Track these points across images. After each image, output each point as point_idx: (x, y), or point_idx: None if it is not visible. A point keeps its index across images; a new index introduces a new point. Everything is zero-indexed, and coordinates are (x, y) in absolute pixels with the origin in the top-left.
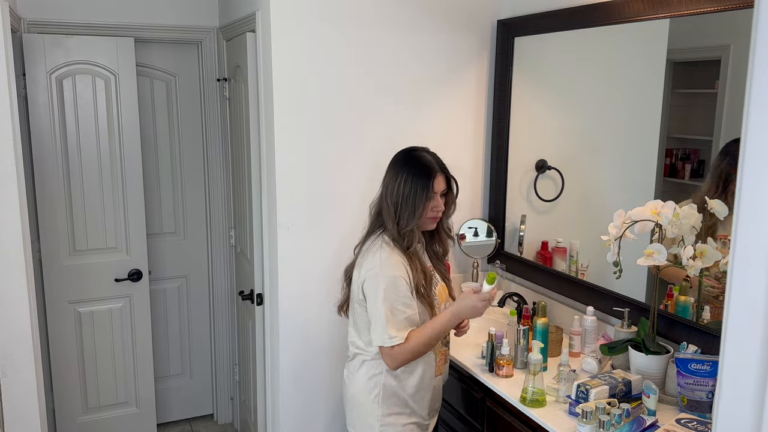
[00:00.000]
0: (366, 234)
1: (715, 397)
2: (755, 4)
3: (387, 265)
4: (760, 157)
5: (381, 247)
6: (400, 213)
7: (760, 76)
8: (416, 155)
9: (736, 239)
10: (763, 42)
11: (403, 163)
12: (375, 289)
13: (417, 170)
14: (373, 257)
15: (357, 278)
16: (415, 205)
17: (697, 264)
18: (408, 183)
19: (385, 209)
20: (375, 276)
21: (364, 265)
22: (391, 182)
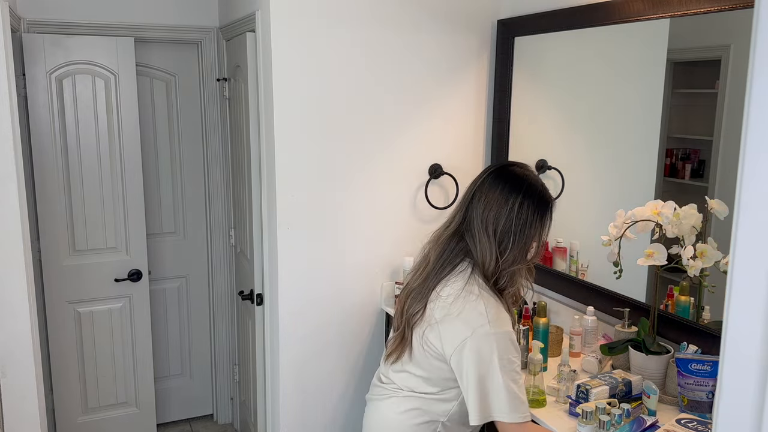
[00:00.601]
0: (439, 266)
1: (715, 397)
2: (755, 4)
3: (497, 320)
4: (760, 157)
5: (480, 294)
6: (509, 247)
7: (760, 76)
8: (529, 175)
9: (736, 239)
10: (763, 42)
11: (514, 183)
12: (487, 354)
13: (537, 197)
14: (473, 309)
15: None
16: (529, 238)
17: (697, 264)
18: (524, 210)
19: (481, 239)
20: (484, 336)
21: (460, 319)
22: (496, 204)
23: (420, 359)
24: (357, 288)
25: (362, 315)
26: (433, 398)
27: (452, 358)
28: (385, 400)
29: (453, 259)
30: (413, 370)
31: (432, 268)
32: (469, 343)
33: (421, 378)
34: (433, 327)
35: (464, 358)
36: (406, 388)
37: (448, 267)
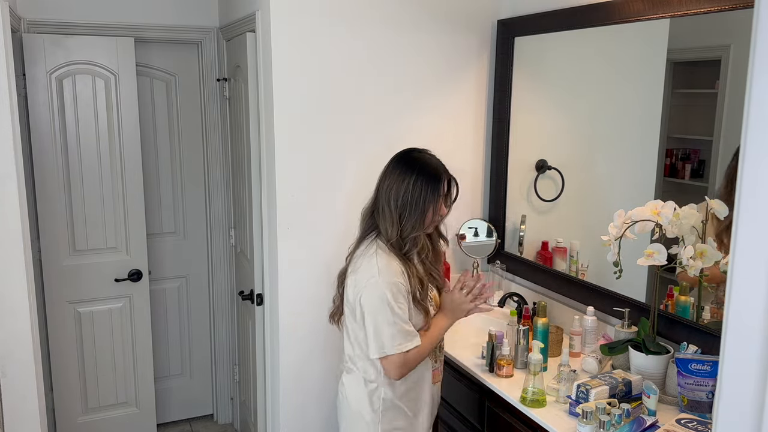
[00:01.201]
0: (358, 239)
1: (715, 397)
2: (755, 4)
3: (386, 271)
4: (760, 157)
5: (376, 252)
6: (406, 217)
7: (760, 76)
8: (423, 157)
9: (736, 239)
10: (763, 42)
11: (409, 164)
12: (377, 298)
13: (427, 173)
14: (369, 264)
15: (353, 288)
16: (424, 209)
17: (697, 264)
18: (417, 186)
19: (384, 213)
20: (374, 285)
21: (360, 273)
22: (395, 184)
23: (346, 321)
24: None
25: None
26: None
27: (354, 308)
28: (342, 377)
29: (367, 230)
30: (345, 335)
31: (357, 240)
32: (365, 294)
33: (348, 342)
34: (347, 282)
35: (362, 305)
36: (349, 359)
37: (364, 235)
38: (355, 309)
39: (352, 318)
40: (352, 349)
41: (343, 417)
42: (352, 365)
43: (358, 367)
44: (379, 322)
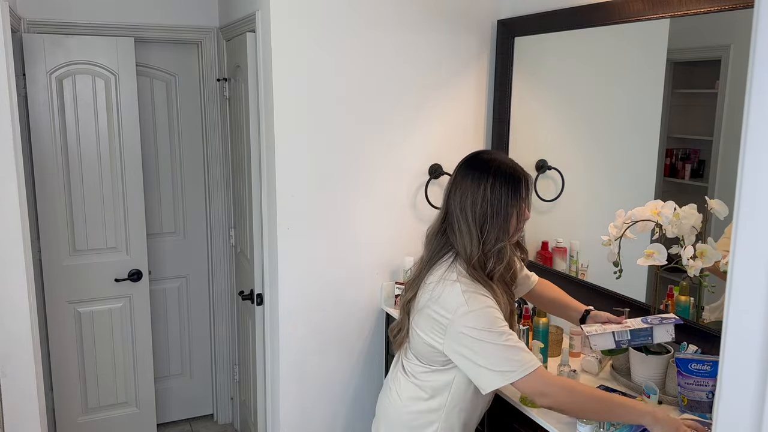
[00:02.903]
0: (426, 263)
1: (715, 397)
2: (755, 4)
3: (474, 299)
4: (760, 157)
5: (458, 279)
6: (488, 228)
7: (760, 76)
8: (496, 157)
9: (736, 239)
10: (763, 42)
11: (482, 167)
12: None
13: (505, 174)
14: (451, 292)
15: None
16: (507, 215)
17: (697, 264)
18: (497, 190)
19: (461, 228)
20: (464, 315)
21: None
22: (469, 192)
23: (416, 343)
24: (357, 288)
25: (362, 315)
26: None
27: (445, 346)
28: (394, 383)
29: (439, 252)
30: (414, 354)
31: (423, 263)
32: (452, 327)
33: (419, 362)
34: (420, 312)
35: (453, 342)
36: (410, 373)
37: (435, 258)
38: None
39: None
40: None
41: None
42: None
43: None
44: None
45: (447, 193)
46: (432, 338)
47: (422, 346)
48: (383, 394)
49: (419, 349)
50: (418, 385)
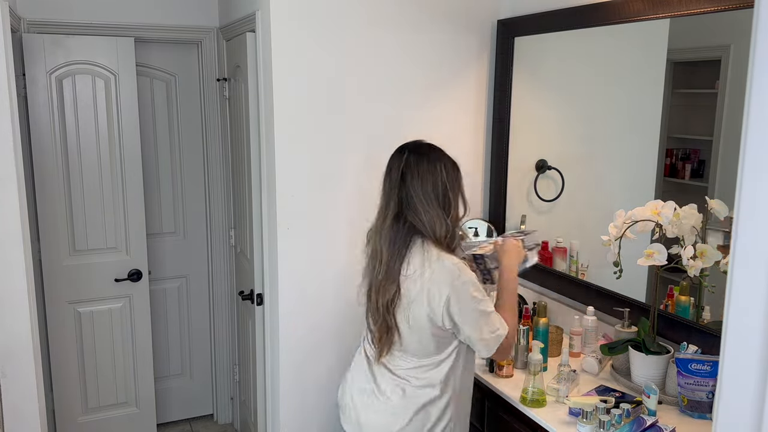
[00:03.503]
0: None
1: (716, 397)
2: (755, 4)
3: (463, 268)
4: (760, 157)
5: (439, 255)
6: (452, 206)
7: (760, 76)
8: (432, 144)
9: (736, 239)
10: (763, 42)
11: (431, 153)
12: (469, 299)
13: (448, 157)
14: (441, 269)
15: (427, 305)
16: (462, 193)
17: (697, 264)
18: (450, 171)
19: (426, 210)
20: (461, 285)
21: (434, 274)
22: (428, 176)
23: (408, 338)
24: (357, 288)
25: (362, 315)
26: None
27: (444, 319)
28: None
29: (404, 240)
30: (406, 351)
31: (389, 257)
32: (452, 298)
33: (416, 355)
34: (415, 302)
35: (454, 313)
36: (406, 376)
37: (403, 249)
38: (439, 320)
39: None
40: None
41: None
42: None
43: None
44: (479, 320)
45: (397, 182)
46: (439, 318)
47: (423, 337)
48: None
49: (416, 345)
50: (423, 384)
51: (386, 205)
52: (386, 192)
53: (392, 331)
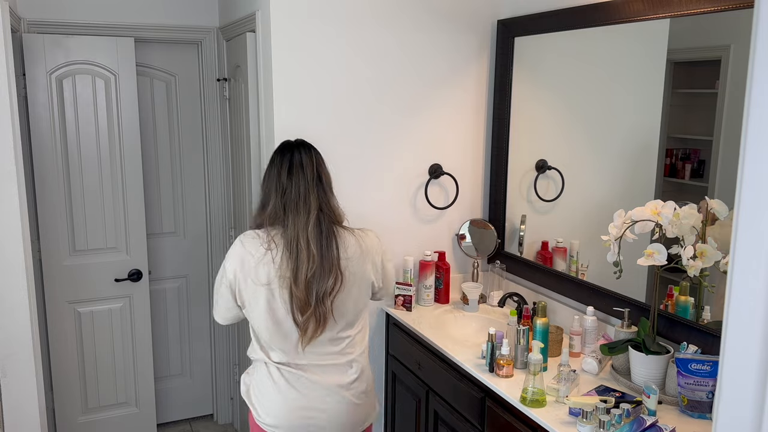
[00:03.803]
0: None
1: (715, 397)
2: (755, 4)
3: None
4: (760, 157)
5: (353, 230)
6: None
7: (760, 76)
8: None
9: (736, 239)
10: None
11: (309, 146)
12: (387, 259)
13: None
14: (365, 239)
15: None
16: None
17: (697, 264)
18: (320, 156)
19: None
20: (380, 246)
21: (369, 246)
22: (321, 163)
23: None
24: None
25: None
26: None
27: (378, 281)
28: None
29: (329, 230)
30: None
31: (323, 251)
32: (384, 261)
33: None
34: (363, 277)
35: (385, 273)
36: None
37: (333, 238)
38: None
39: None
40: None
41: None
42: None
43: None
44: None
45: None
46: (378, 281)
47: (359, 306)
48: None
49: (355, 313)
50: (362, 350)
51: (305, 202)
52: (302, 191)
53: (326, 317)
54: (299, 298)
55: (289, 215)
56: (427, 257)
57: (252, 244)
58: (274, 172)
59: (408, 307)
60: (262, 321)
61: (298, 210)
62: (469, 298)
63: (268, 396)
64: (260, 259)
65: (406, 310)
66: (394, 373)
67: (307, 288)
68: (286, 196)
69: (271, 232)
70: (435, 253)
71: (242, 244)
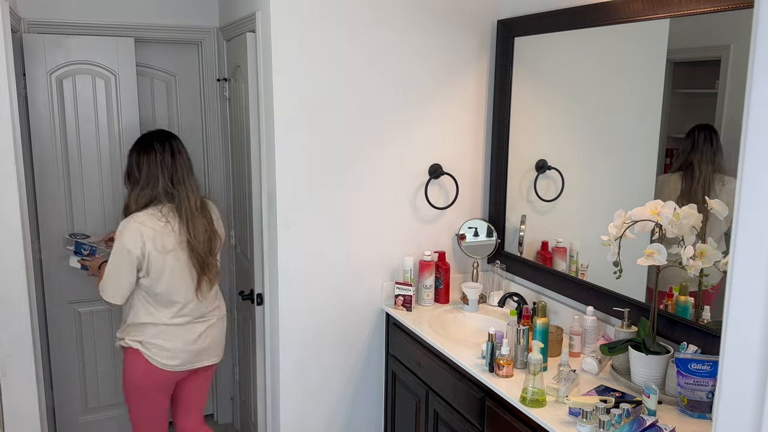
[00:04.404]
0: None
1: (715, 397)
2: (755, 4)
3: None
4: (760, 157)
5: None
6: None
7: (760, 76)
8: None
9: (736, 239)
10: (763, 42)
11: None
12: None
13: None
14: (214, 203)
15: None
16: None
17: (697, 264)
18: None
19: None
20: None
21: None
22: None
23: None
24: (357, 288)
25: (362, 315)
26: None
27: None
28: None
29: (203, 201)
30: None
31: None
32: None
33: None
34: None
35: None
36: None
37: (205, 206)
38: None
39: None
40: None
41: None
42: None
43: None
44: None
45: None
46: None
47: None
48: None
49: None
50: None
51: (188, 180)
52: (185, 171)
53: (217, 271)
54: (199, 258)
55: (180, 191)
56: (427, 257)
57: (150, 220)
58: (158, 158)
59: (408, 307)
60: (167, 284)
61: (185, 186)
62: (469, 298)
63: (169, 343)
64: (162, 231)
65: (406, 310)
66: (394, 373)
67: (204, 249)
68: (175, 176)
69: (163, 208)
70: (435, 253)
71: (141, 224)
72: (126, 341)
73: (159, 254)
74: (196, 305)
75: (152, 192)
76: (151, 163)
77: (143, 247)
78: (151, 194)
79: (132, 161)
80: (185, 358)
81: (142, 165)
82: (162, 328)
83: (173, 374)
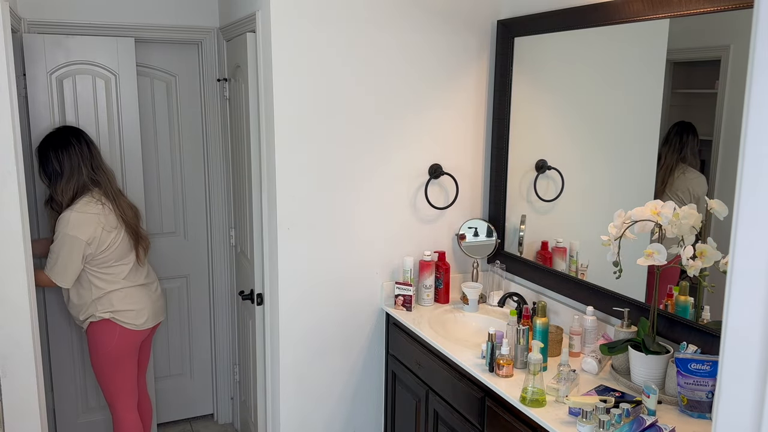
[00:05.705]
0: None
1: (715, 397)
2: (755, 4)
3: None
4: (759, 157)
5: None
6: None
7: (760, 76)
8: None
9: (736, 239)
10: (763, 42)
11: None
12: None
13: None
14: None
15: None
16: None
17: (697, 264)
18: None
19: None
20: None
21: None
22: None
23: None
24: (357, 288)
25: (362, 314)
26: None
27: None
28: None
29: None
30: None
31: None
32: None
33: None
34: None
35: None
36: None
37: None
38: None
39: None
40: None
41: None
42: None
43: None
44: None
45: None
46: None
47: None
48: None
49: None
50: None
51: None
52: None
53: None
54: (133, 231)
55: (101, 176)
56: (426, 257)
57: (89, 206)
58: (77, 150)
59: (408, 307)
60: (115, 253)
61: (104, 171)
62: (469, 298)
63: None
64: (104, 213)
65: (405, 310)
66: (394, 373)
67: (134, 222)
68: (94, 164)
69: (94, 194)
70: (435, 253)
71: (83, 213)
72: (96, 315)
73: (107, 233)
74: (140, 270)
75: (78, 182)
76: (72, 156)
77: (93, 231)
78: (77, 184)
79: (50, 157)
80: (150, 314)
81: (62, 159)
82: (127, 291)
83: (141, 333)
